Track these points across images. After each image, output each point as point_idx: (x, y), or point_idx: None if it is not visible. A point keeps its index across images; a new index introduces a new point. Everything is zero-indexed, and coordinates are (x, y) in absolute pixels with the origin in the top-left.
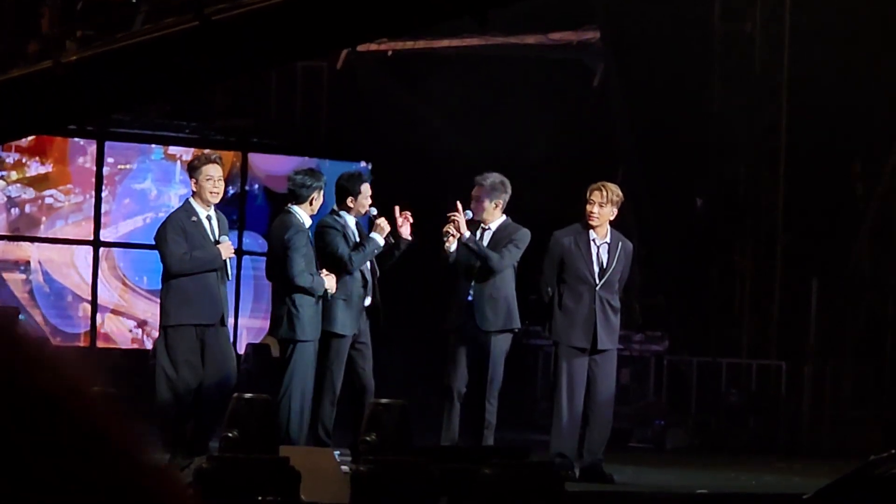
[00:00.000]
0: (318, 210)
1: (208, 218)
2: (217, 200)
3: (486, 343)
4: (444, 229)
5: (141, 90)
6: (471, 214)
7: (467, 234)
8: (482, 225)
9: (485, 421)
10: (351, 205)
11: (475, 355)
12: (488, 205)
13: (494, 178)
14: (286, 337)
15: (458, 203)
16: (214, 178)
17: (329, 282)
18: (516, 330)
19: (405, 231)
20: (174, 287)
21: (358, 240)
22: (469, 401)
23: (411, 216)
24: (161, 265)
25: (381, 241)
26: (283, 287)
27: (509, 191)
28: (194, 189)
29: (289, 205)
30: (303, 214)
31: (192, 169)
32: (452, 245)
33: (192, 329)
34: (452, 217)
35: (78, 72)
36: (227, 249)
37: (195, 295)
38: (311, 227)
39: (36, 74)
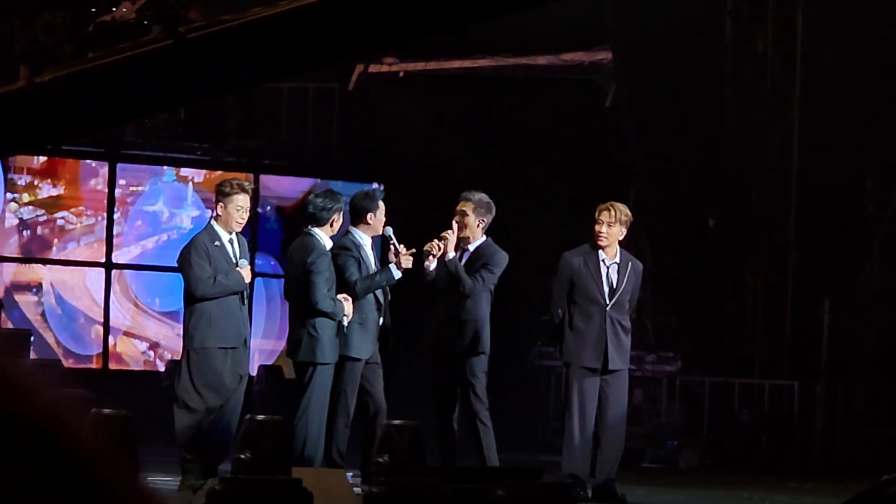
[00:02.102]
0: (337, 231)
1: (230, 242)
2: (240, 229)
3: (457, 365)
4: (426, 248)
5: (116, 109)
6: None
7: (452, 254)
8: (462, 244)
9: (482, 443)
10: (370, 221)
11: (453, 376)
12: (472, 222)
13: (482, 196)
14: (306, 359)
15: (455, 222)
16: (244, 208)
17: (348, 307)
18: (484, 354)
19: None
20: (198, 310)
21: (372, 258)
22: (461, 423)
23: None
24: (182, 287)
25: (398, 276)
26: (304, 310)
27: (493, 212)
28: (219, 213)
29: (309, 227)
30: (323, 237)
31: (223, 194)
32: (432, 264)
33: (216, 352)
34: (445, 236)
35: (52, 91)
36: (246, 274)
37: (220, 318)
38: (331, 248)
39: (11, 94)
